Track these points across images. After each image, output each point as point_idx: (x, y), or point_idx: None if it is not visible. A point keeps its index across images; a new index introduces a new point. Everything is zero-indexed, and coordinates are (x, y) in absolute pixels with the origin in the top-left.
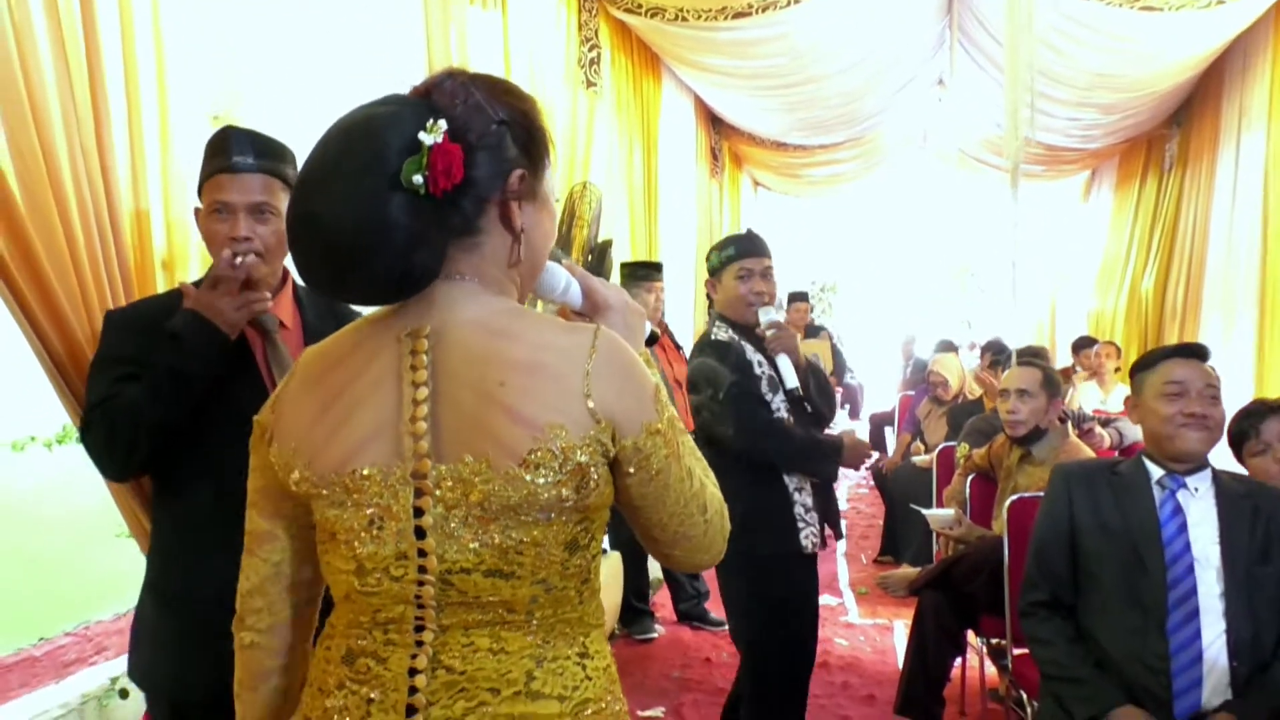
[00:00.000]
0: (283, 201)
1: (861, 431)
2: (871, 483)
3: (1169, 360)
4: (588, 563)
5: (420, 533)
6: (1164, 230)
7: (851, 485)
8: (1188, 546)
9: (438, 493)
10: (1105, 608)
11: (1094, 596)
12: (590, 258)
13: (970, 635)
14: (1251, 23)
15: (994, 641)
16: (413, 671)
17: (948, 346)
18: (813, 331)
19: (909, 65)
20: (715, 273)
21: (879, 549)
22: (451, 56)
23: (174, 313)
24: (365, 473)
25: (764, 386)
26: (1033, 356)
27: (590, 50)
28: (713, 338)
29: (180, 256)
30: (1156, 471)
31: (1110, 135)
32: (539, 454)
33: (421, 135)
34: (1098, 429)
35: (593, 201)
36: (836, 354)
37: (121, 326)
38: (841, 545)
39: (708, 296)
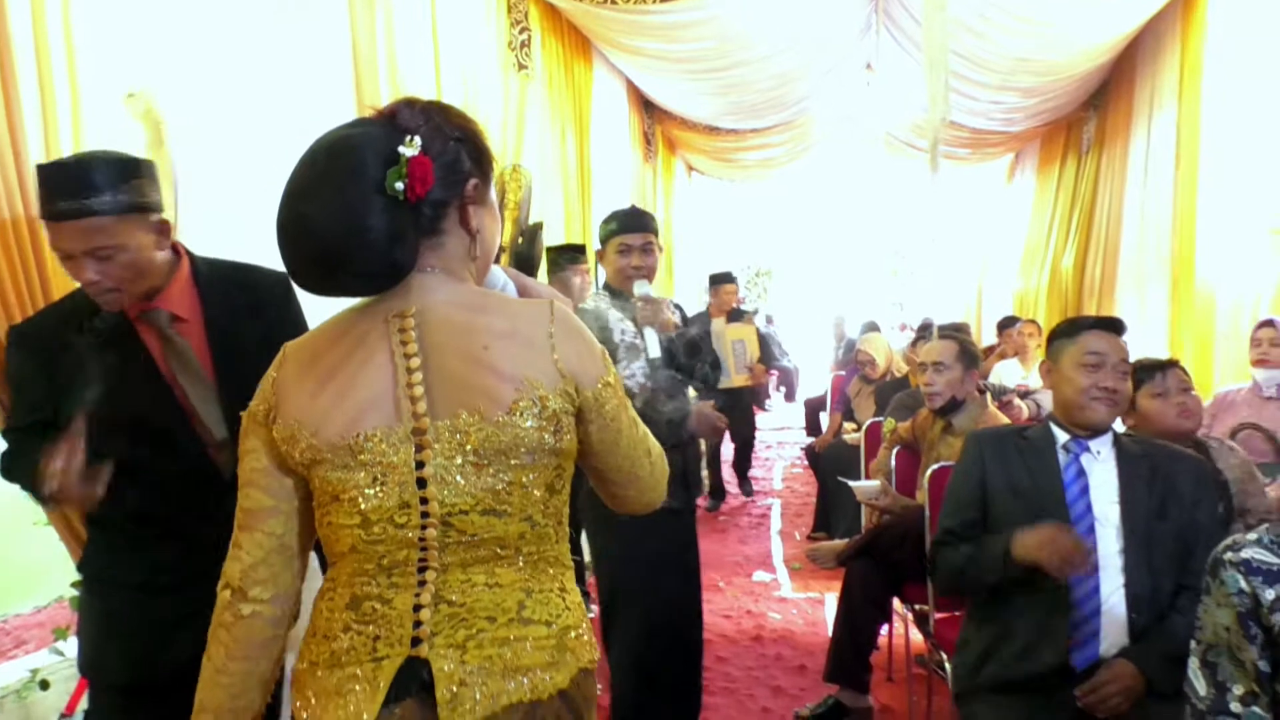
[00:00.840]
0: (127, 232)
1: (797, 414)
2: (805, 462)
3: (1090, 332)
4: (561, 506)
5: (421, 483)
6: (1082, 210)
7: (786, 465)
8: (1089, 507)
9: (437, 445)
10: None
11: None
12: (521, 240)
13: (896, 603)
14: (1160, 8)
15: (918, 607)
16: (417, 608)
17: (873, 327)
18: (737, 315)
19: (837, 49)
20: (602, 246)
21: (812, 525)
22: (377, 38)
23: (78, 315)
24: (369, 434)
25: (621, 351)
26: (953, 331)
27: (521, 33)
28: (580, 305)
29: None
30: (1062, 436)
31: (1031, 118)
32: (523, 403)
33: (401, 149)
34: (1016, 400)
35: (523, 184)
36: (765, 339)
37: (22, 346)
38: (776, 523)
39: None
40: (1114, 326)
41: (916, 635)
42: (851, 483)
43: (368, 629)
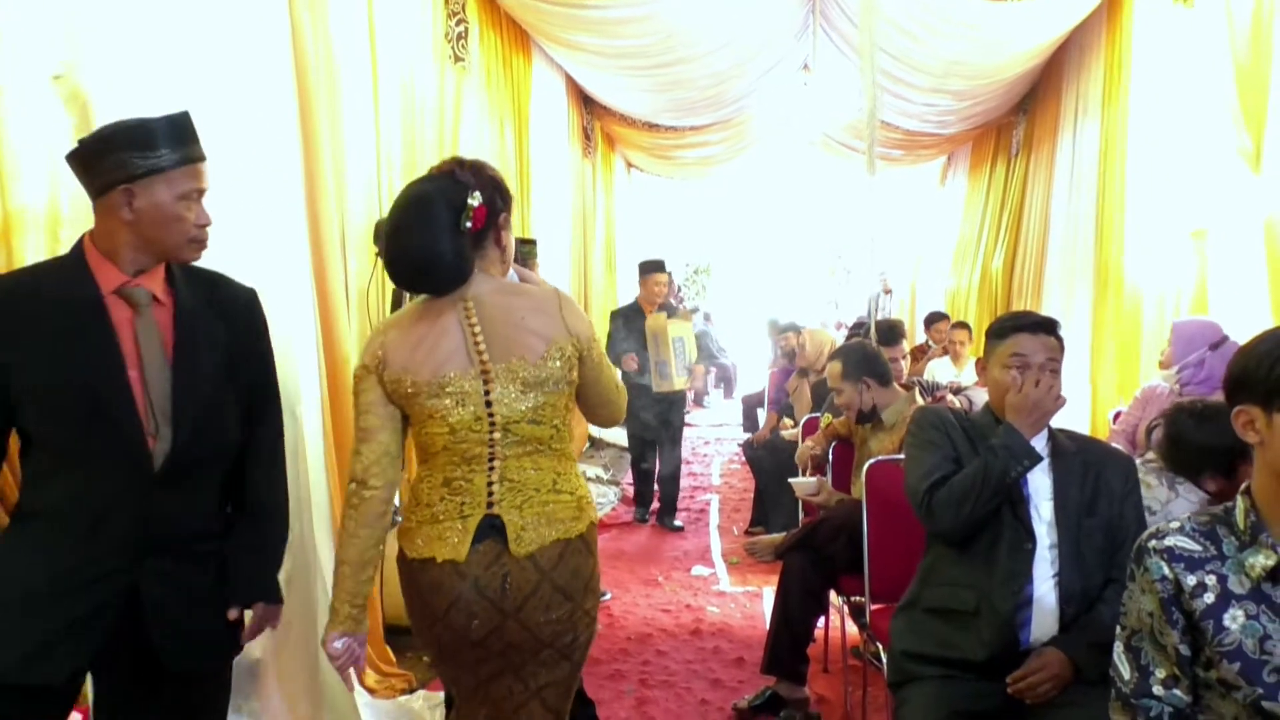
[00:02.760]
0: None
1: (734, 411)
2: (742, 458)
3: (1016, 334)
4: (566, 418)
5: (488, 404)
6: (1011, 212)
7: (724, 461)
8: (1029, 507)
9: (497, 380)
10: (959, 557)
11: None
12: None
13: (833, 596)
14: (1085, 16)
15: (854, 599)
16: (490, 484)
17: (792, 327)
18: (669, 311)
19: (775, 49)
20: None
21: (749, 520)
22: (314, 23)
23: (44, 289)
24: (451, 375)
25: None
26: (860, 333)
27: (458, 25)
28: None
29: (16, 226)
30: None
31: (963, 121)
32: (551, 351)
33: (469, 200)
34: (949, 396)
35: None
36: (702, 336)
37: None
38: (714, 518)
39: None
40: (1042, 326)
41: (852, 628)
42: (791, 479)
43: (456, 499)
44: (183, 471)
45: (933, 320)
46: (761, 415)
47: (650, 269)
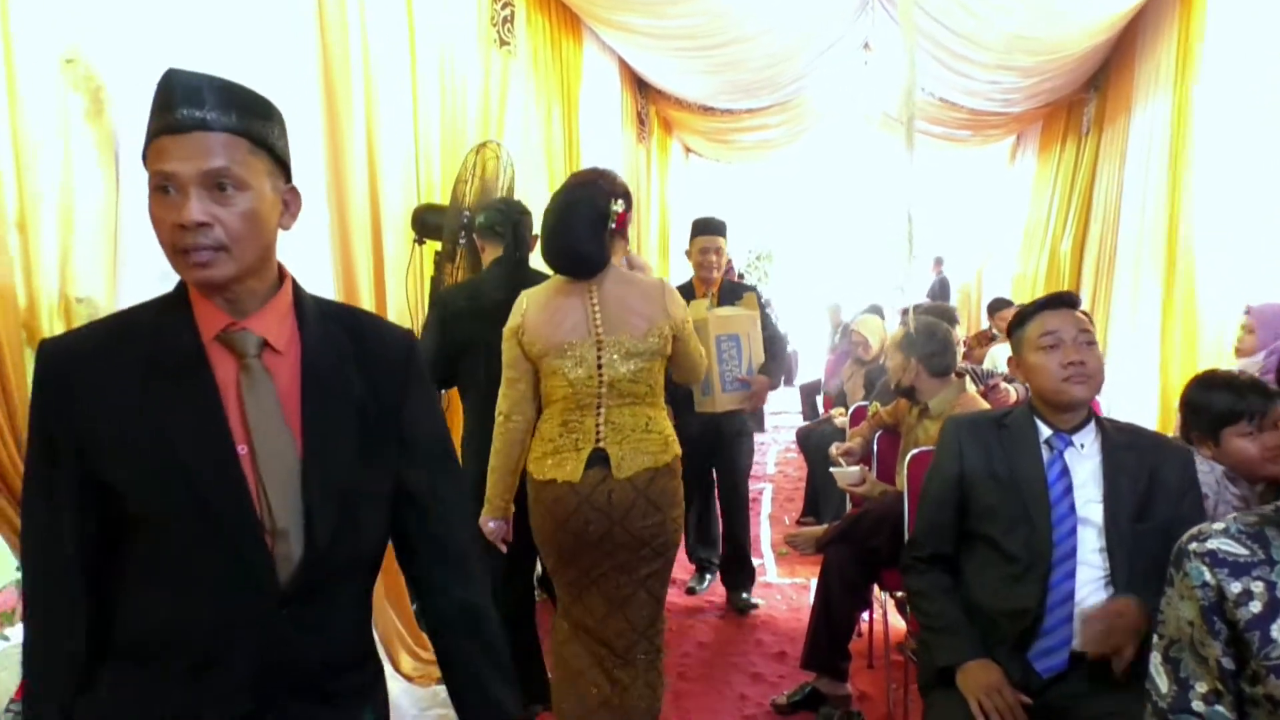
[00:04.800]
0: (256, 171)
1: (793, 398)
2: (796, 445)
3: (1040, 314)
4: (660, 380)
5: (599, 366)
6: (1081, 193)
7: (780, 450)
8: (1073, 508)
9: (607, 348)
10: (985, 556)
11: (976, 545)
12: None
13: (877, 590)
14: None
15: (898, 595)
16: (597, 425)
17: (875, 310)
18: (732, 292)
19: (832, 28)
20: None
21: (801, 510)
22: (331, 8)
23: (134, 334)
24: (571, 342)
25: None
26: (930, 313)
27: (503, 8)
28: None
29: (32, 218)
30: (1044, 430)
31: (1030, 99)
32: (652, 329)
33: (614, 206)
34: (1004, 385)
35: (488, 161)
36: (771, 328)
37: (52, 386)
38: (766, 507)
39: None
40: (1064, 301)
41: (898, 621)
42: (834, 469)
43: (571, 435)
44: (317, 586)
45: (997, 307)
46: (820, 403)
47: (700, 229)
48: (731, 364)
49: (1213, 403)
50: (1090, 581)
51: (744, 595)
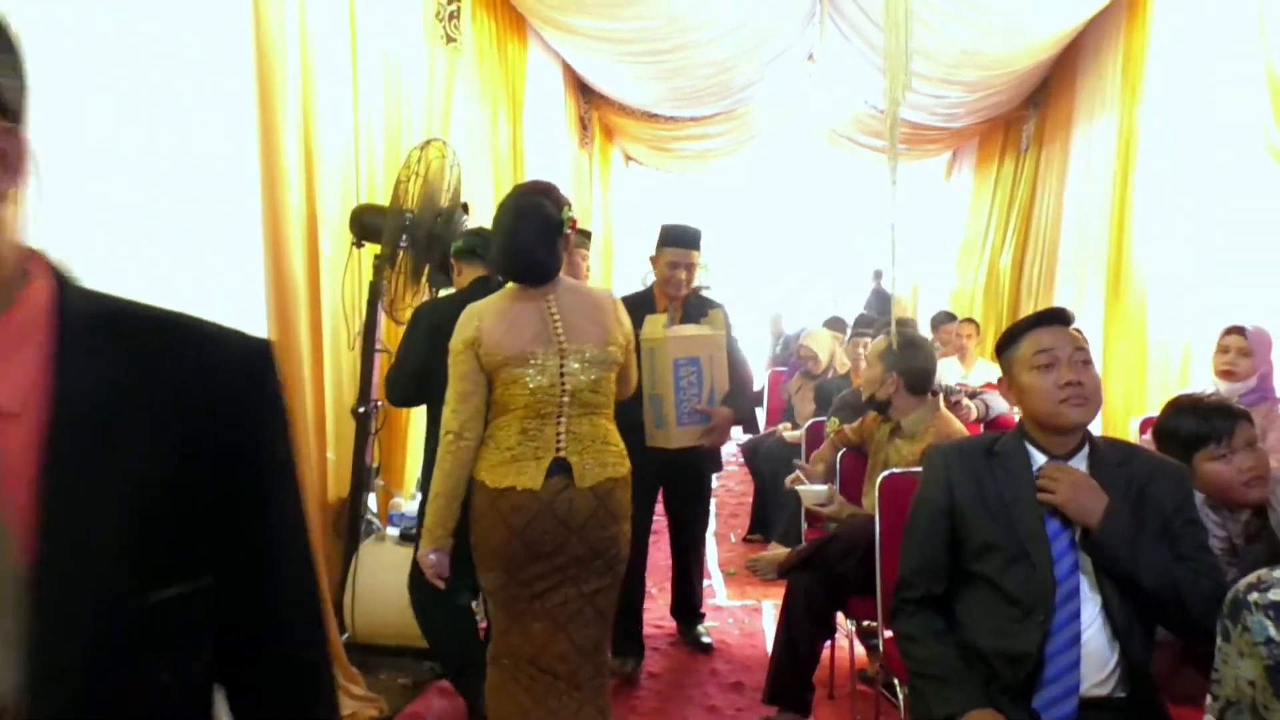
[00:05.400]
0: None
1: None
2: (741, 460)
3: (1033, 331)
4: (614, 391)
5: (562, 375)
6: (1020, 209)
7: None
8: (1073, 543)
9: (569, 357)
10: (982, 597)
11: (972, 585)
12: (438, 219)
13: (839, 616)
14: (1105, 4)
15: (865, 624)
16: (558, 434)
17: (834, 323)
18: (697, 307)
19: (780, 37)
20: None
21: (748, 528)
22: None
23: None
24: (535, 351)
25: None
26: (898, 327)
27: (450, 3)
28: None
29: None
30: (1037, 456)
31: (972, 114)
32: (610, 339)
33: (565, 212)
34: (964, 400)
35: (433, 161)
36: (735, 351)
37: None
38: (710, 524)
39: None
40: (1058, 318)
41: (860, 649)
42: (799, 487)
43: (531, 444)
44: None
45: (940, 322)
46: (761, 416)
47: (673, 239)
48: (690, 392)
49: (1180, 427)
50: (1096, 620)
51: (699, 629)
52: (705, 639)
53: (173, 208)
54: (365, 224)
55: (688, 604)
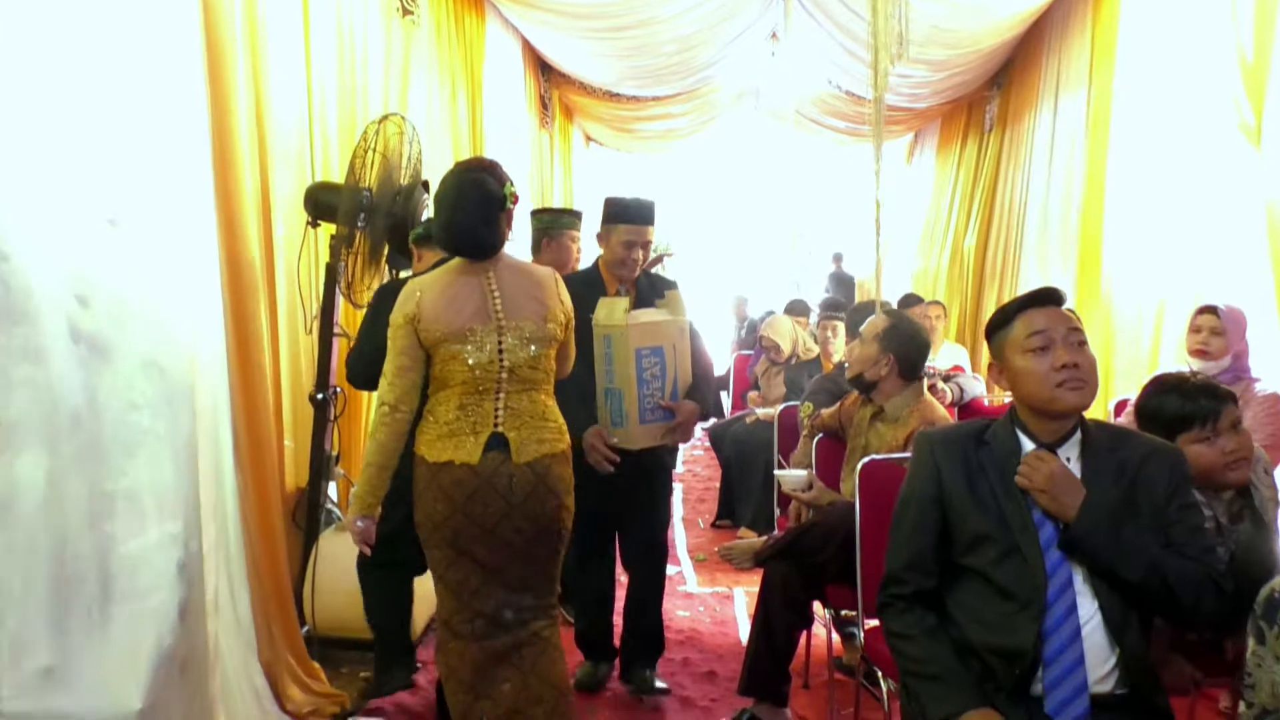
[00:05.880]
0: None
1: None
2: (706, 444)
3: (1026, 312)
4: (553, 367)
5: (500, 351)
6: (984, 191)
7: (686, 447)
8: (1059, 527)
9: (508, 334)
10: (976, 592)
11: (964, 579)
12: (398, 198)
13: (816, 605)
14: None
15: (843, 613)
16: (496, 410)
17: (799, 306)
18: (650, 289)
19: (743, 14)
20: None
21: (716, 513)
22: None
23: None
24: (474, 327)
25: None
26: (897, 309)
27: None
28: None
29: None
30: (1028, 444)
31: (936, 95)
32: (550, 315)
33: (508, 188)
34: (940, 384)
35: (390, 136)
36: (696, 337)
37: None
38: (678, 509)
39: None
40: (1050, 298)
41: (835, 637)
42: (778, 472)
43: (469, 419)
44: None
45: (908, 304)
46: (727, 400)
47: (623, 214)
48: (654, 385)
49: (1164, 407)
50: (1095, 615)
51: (648, 673)
52: (659, 683)
53: (123, 187)
54: (320, 203)
55: (648, 639)
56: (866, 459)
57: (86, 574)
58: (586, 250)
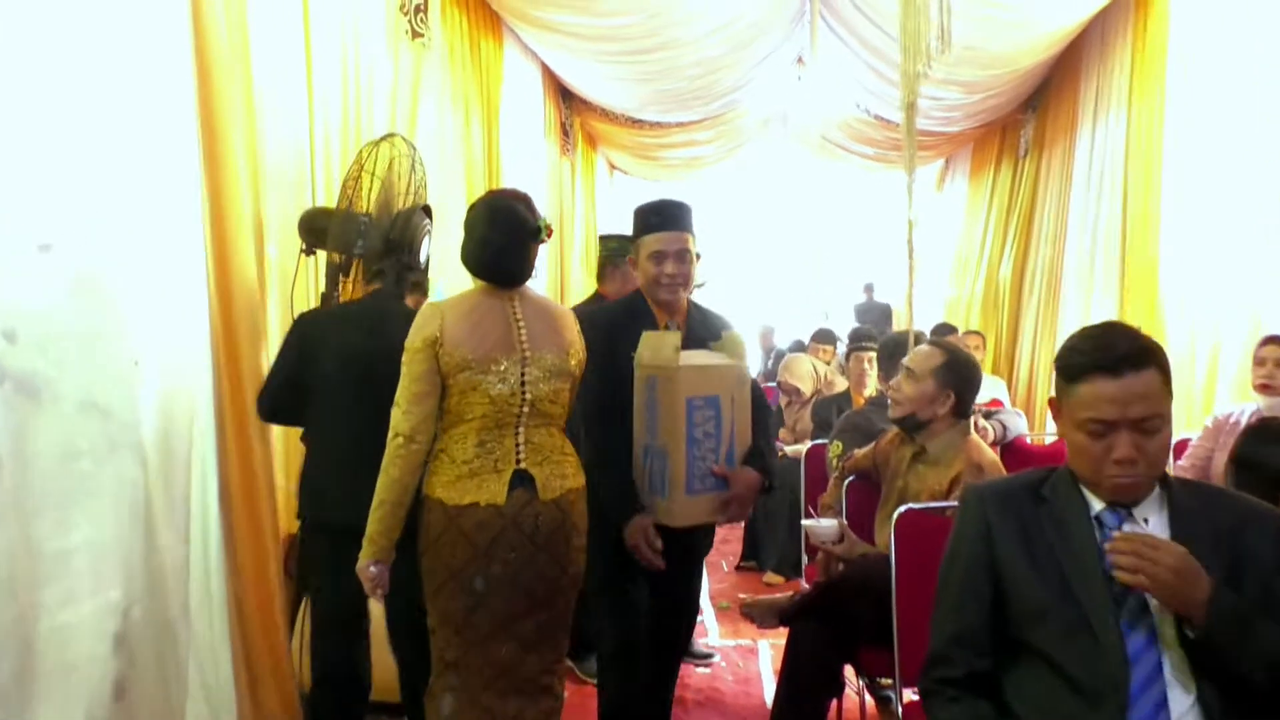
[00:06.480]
0: None
1: None
2: None
3: (1090, 379)
4: (568, 402)
5: (523, 384)
6: (1020, 217)
7: None
8: (1146, 606)
9: (531, 366)
10: (1038, 676)
11: (1023, 659)
12: (395, 223)
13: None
14: (1109, 1)
15: (880, 681)
16: (518, 445)
17: (825, 335)
18: (701, 323)
19: (768, 38)
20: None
21: (740, 554)
22: None
23: None
24: (498, 358)
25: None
26: (936, 340)
27: None
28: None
29: None
30: (1094, 502)
31: (969, 118)
32: (570, 351)
33: (542, 221)
34: (981, 421)
35: (395, 159)
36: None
37: None
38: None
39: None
40: (1130, 361)
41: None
42: (806, 521)
43: (490, 456)
44: None
45: (941, 333)
46: None
47: (655, 221)
48: (707, 445)
49: (1271, 458)
50: (1192, 709)
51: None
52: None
53: (112, 213)
54: (315, 228)
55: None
56: (904, 508)
57: (5, 648)
58: None
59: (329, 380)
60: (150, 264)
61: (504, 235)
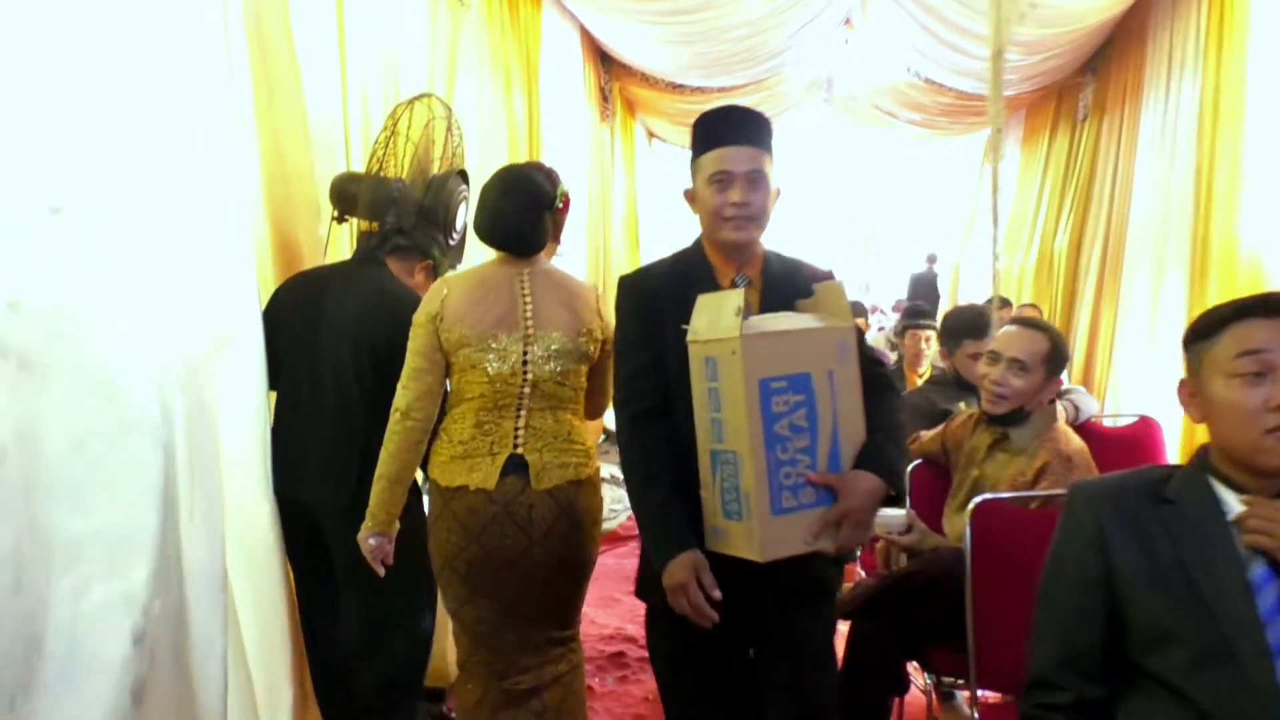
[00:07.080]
0: None
1: None
2: None
3: (1241, 321)
4: (582, 385)
5: (524, 364)
6: (1078, 185)
7: None
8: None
9: (535, 345)
10: (1162, 706)
11: (1145, 692)
12: (429, 191)
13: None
14: None
15: (950, 680)
16: (516, 429)
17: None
18: (789, 277)
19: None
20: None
21: None
22: None
23: None
24: (498, 334)
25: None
26: (1029, 320)
27: None
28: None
29: None
30: (1231, 502)
31: (1026, 80)
32: (583, 330)
33: (560, 189)
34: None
35: (433, 120)
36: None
37: None
38: None
39: None
40: (1277, 307)
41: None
42: None
43: (486, 438)
44: None
45: (996, 308)
46: None
47: (717, 135)
48: (795, 445)
49: None
50: None
51: None
52: None
53: (130, 175)
54: (346, 196)
55: None
56: (981, 498)
57: (9, 648)
58: None
59: (276, 349)
60: (185, 234)
61: (515, 199)
